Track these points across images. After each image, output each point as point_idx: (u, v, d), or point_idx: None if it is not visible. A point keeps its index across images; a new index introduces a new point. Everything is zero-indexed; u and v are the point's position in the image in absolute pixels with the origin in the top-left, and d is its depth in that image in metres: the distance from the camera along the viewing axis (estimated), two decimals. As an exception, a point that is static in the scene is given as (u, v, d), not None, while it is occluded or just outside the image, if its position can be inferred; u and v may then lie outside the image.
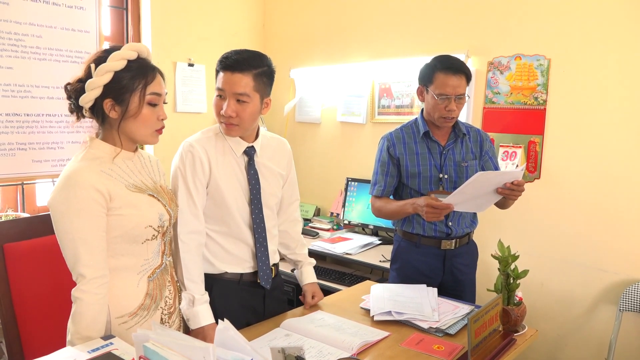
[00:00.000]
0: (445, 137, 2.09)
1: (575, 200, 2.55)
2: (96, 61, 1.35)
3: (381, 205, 2.13)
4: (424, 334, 1.66)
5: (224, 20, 3.51)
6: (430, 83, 1.99)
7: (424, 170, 2.06)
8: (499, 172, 2.02)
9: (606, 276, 2.48)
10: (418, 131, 2.09)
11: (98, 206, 1.31)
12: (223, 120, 1.67)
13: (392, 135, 2.13)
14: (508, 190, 1.85)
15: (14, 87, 2.56)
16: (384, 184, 2.13)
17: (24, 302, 1.72)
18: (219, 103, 1.66)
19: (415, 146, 2.09)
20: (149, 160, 1.54)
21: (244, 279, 1.76)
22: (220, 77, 1.66)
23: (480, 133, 2.15)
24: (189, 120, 3.32)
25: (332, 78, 3.42)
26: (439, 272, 2.10)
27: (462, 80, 1.96)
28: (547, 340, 2.64)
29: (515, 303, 1.71)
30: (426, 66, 2.04)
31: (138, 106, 1.36)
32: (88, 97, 1.35)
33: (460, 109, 2.01)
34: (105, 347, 1.26)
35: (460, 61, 2.00)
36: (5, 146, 2.55)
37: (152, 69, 1.40)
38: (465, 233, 2.12)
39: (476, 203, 1.94)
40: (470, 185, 1.80)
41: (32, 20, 2.59)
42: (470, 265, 2.18)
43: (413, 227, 2.10)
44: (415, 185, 2.08)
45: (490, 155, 2.15)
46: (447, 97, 1.95)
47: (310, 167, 3.60)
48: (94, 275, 1.31)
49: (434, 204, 1.86)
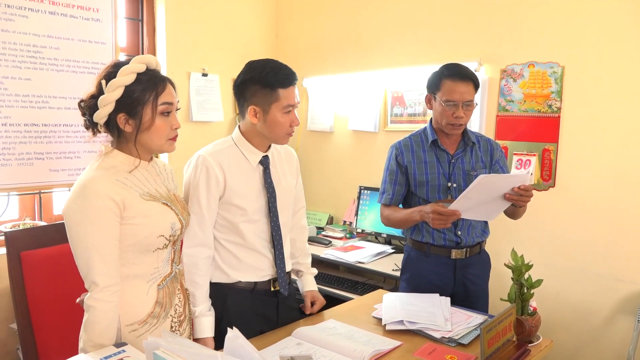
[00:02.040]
0: (454, 146, 2.08)
1: (590, 209, 2.51)
2: (106, 77, 1.37)
3: (389, 214, 2.13)
4: (436, 344, 1.65)
5: (237, 31, 3.55)
6: (438, 90, 1.99)
7: (432, 178, 2.05)
8: (503, 175, 1.99)
9: (623, 286, 2.44)
10: (427, 140, 2.09)
11: (112, 215, 1.33)
12: (291, 132, 1.72)
13: (400, 144, 2.13)
14: (516, 195, 1.83)
15: (32, 98, 2.62)
16: (392, 192, 2.12)
17: (40, 309, 1.75)
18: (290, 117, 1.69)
19: (423, 154, 2.08)
20: (163, 168, 1.56)
21: (257, 287, 1.76)
22: (290, 92, 1.68)
23: (491, 142, 2.13)
24: (204, 129, 3.35)
25: (344, 87, 3.43)
26: (449, 282, 2.08)
27: (470, 87, 1.96)
28: (563, 352, 2.59)
29: (530, 313, 1.69)
30: (434, 74, 2.04)
31: (151, 118, 1.38)
32: (101, 114, 1.37)
33: (469, 116, 2.00)
34: (117, 355, 1.27)
35: (467, 69, 2.00)
36: (23, 155, 2.60)
37: (162, 79, 1.41)
38: (476, 243, 2.10)
39: (484, 210, 1.91)
40: (475, 190, 1.77)
41: (50, 33, 2.65)
42: (482, 276, 2.15)
43: (422, 235, 2.09)
44: (423, 194, 2.07)
45: (502, 164, 2.13)
46: (455, 104, 1.94)
47: (323, 175, 3.60)
48: (107, 284, 1.32)
49: (440, 210, 1.85)
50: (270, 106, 1.66)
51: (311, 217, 3.60)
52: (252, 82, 1.67)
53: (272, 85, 1.65)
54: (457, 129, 2.01)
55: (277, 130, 1.69)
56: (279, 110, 1.66)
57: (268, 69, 1.66)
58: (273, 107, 1.66)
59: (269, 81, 1.64)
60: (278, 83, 1.65)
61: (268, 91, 1.65)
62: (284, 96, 1.66)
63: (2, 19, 2.49)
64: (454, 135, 2.05)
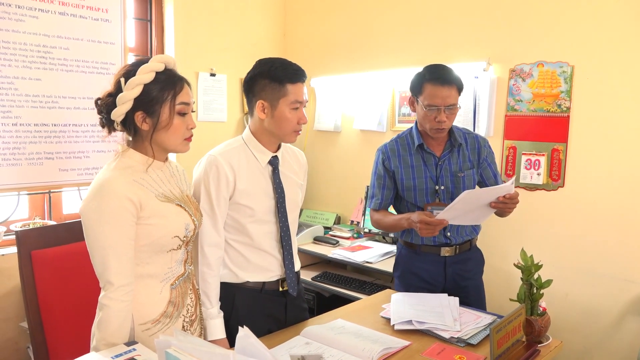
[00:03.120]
0: (441, 148, 2.06)
1: (600, 209, 2.50)
2: (125, 75, 1.37)
3: (379, 219, 2.12)
4: (445, 344, 1.65)
5: (245, 31, 3.56)
6: (420, 93, 1.96)
7: (420, 183, 2.04)
8: (487, 189, 1.96)
9: (634, 287, 2.42)
10: (413, 143, 2.07)
11: (129, 215, 1.33)
12: (298, 129, 1.71)
13: (387, 148, 2.12)
14: (501, 204, 1.82)
15: (42, 98, 2.64)
16: (381, 197, 2.12)
17: (50, 307, 1.76)
18: (297, 114, 1.69)
19: (410, 158, 2.07)
20: (176, 169, 1.57)
21: (266, 287, 1.77)
22: (298, 88, 1.68)
23: (478, 140, 2.11)
24: (211, 129, 3.36)
25: (352, 86, 3.43)
26: (440, 278, 2.08)
27: (453, 91, 1.92)
28: (573, 352, 2.58)
29: (539, 313, 1.68)
30: (416, 76, 2.00)
31: (169, 117, 1.39)
32: (120, 111, 1.37)
33: (452, 120, 1.98)
34: (128, 353, 1.28)
35: (450, 71, 1.96)
36: (33, 155, 2.62)
37: (180, 79, 1.42)
38: (466, 240, 2.10)
39: (471, 216, 1.91)
40: (460, 203, 1.77)
41: (60, 33, 2.67)
42: (474, 271, 2.14)
43: (412, 237, 2.10)
44: (411, 198, 2.06)
45: (489, 161, 2.11)
46: (437, 108, 1.92)
47: (330, 175, 3.60)
48: (122, 283, 1.33)
49: (427, 220, 1.84)
50: (278, 101, 1.67)
51: (318, 216, 3.60)
52: (261, 77, 1.68)
53: (281, 79, 1.65)
54: (440, 133, 1.99)
55: (285, 127, 1.69)
56: (287, 106, 1.67)
57: (277, 64, 1.68)
58: (281, 102, 1.67)
59: (277, 76, 1.65)
60: (286, 78, 1.65)
61: (276, 86, 1.66)
62: (292, 92, 1.66)
63: (13, 20, 2.51)
64: (439, 137, 2.04)
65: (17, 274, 1.78)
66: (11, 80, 2.53)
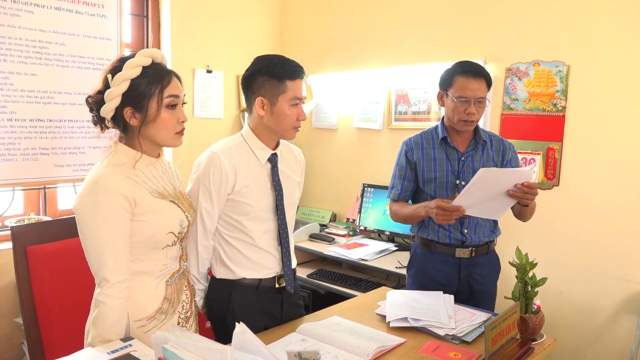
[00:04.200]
0: (465, 144, 2.08)
1: (595, 208, 2.51)
2: (112, 71, 1.37)
3: (397, 209, 2.14)
4: (440, 341, 1.65)
5: (242, 28, 3.55)
6: (450, 86, 1.99)
7: (440, 176, 2.06)
8: (505, 169, 1.98)
9: (627, 285, 2.44)
10: (437, 137, 2.09)
11: (124, 212, 1.33)
12: (298, 125, 1.71)
13: (411, 141, 2.14)
14: (519, 192, 1.82)
15: (38, 94, 2.62)
16: (401, 187, 2.14)
17: (46, 303, 1.76)
18: (297, 110, 1.69)
19: (433, 151, 2.08)
20: (169, 166, 1.57)
21: (262, 284, 1.77)
22: (297, 85, 1.68)
23: (504, 142, 2.12)
24: (207, 126, 3.35)
25: (349, 84, 3.44)
26: (454, 280, 2.08)
27: (482, 84, 1.96)
28: (566, 350, 2.59)
29: (534, 311, 1.69)
30: (446, 71, 2.04)
31: (157, 110, 1.38)
32: (108, 108, 1.37)
33: (481, 113, 2.00)
34: (124, 349, 1.28)
35: (480, 66, 2.01)
36: (28, 151, 2.61)
37: (168, 72, 1.41)
38: (484, 242, 2.10)
39: (488, 207, 1.90)
40: (477, 185, 1.77)
41: (56, 29, 2.66)
42: (490, 277, 2.13)
43: (428, 233, 2.10)
44: (431, 190, 2.07)
45: (513, 165, 2.11)
46: (467, 100, 1.94)
47: (326, 173, 3.61)
48: (118, 280, 1.33)
49: (443, 206, 1.86)
50: (278, 97, 1.67)
51: (314, 214, 3.60)
52: (260, 74, 1.68)
53: (280, 76, 1.65)
54: (469, 126, 2.00)
55: (284, 123, 1.69)
56: (286, 102, 1.67)
57: (276, 61, 1.68)
58: (280, 98, 1.67)
59: (277, 72, 1.65)
60: (286, 74, 1.66)
61: (276, 82, 1.66)
62: (292, 88, 1.66)
63: (8, 15, 2.50)
64: (466, 132, 2.05)
65: (12, 270, 1.78)
66: (6, 76, 2.51)
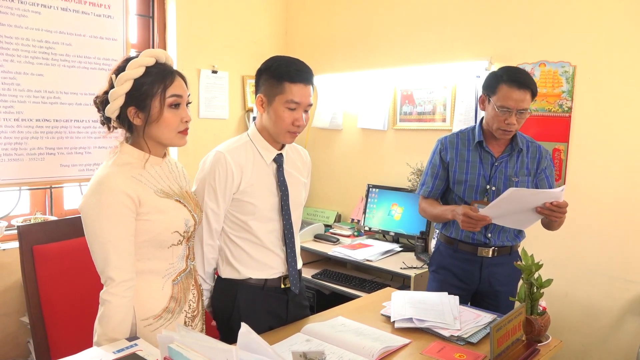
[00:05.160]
0: (501, 149, 2.05)
1: (601, 209, 2.50)
2: (117, 72, 1.38)
3: (426, 207, 2.15)
4: (445, 342, 1.65)
5: (247, 28, 3.56)
6: (494, 93, 1.94)
7: (472, 179, 2.04)
8: (535, 190, 1.94)
9: (633, 287, 2.43)
10: (473, 139, 2.07)
11: (128, 211, 1.34)
12: (293, 130, 1.67)
13: (446, 140, 2.13)
14: (548, 210, 1.81)
15: (44, 94, 2.64)
16: (432, 185, 2.14)
17: (52, 302, 1.76)
18: (293, 114, 1.65)
19: (467, 153, 2.07)
20: (175, 166, 1.57)
21: (268, 284, 1.77)
22: (298, 89, 1.63)
23: (541, 150, 2.09)
24: (212, 126, 3.36)
25: (353, 85, 3.44)
26: (475, 279, 2.08)
27: (527, 95, 1.91)
28: (572, 351, 2.59)
29: (539, 313, 1.68)
30: (492, 75, 1.99)
31: (159, 110, 1.38)
32: (112, 107, 1.38)
33: (521, 124, 1.96)
34: (130, 348, 1.29)
35: (527, 75, 1.95)
36: (35, 151, 2.62)
37: (171, 72, 1.42)
38: (507, 245, 2.09)
39: (516, 219, 1.89)
40: (505, 201, 1.76)
41: (62, 29, 2.67)
42: (511, 277, 2.10)
43: (452, 232, 2.11)
44: (460, 192, 2.07)
45: (548, 174, 2.09)
46: (509, 111, 1.90)
47: (331, 173, 3.61)
48: (123, 279, 1.34)
49: (470, 214, 1.85)
50: (275, 98, 1.65)
51: (319, 214, 3.61)
52: (263, 72, 1.69)
53: (280, 76, 1.64)
54: (507, 135, 1.98)
55: (278, 124, 1.67)
56: (282, 104, 1.64)
57: (282, 62, 1.66)
58: (277, 99, 1.65)
59: (277, 73, 1.65)
60: (286, 75, 1.63)
61: (274, 82, 1.65)
62: (290, 90, 1.63)
63: (16, 15, 2.51)
64: (503, 139, 2.03)
65: (18, 269, 1.79)
66: (13, 76, 2.53)
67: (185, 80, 1.46)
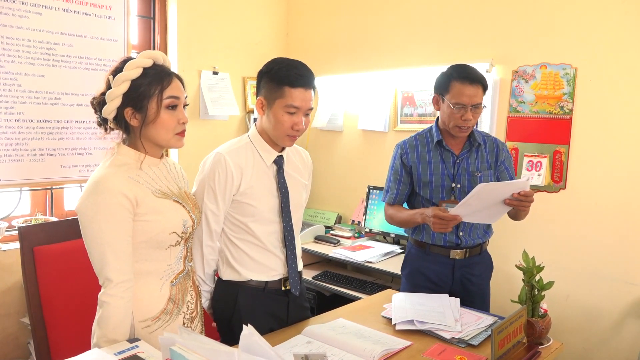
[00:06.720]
0: (460, 147, 2.08)
1: (602, 211, 2.50)
2: (114, 72, 1.39)
3: (393, 213, 2.14)
4: (446, 344, 1.65)
5: (248, 29, 3.56)
6: (447, 92, 1.98)
7: (436, 179, 2.05)
8: (502, 183, 1.97)
9: (635, 289, 2.42)
10: (432, 140, 2.08)
11: (125, 212, 1.34)
12: (292, 134, 1.67)
13: (405, 144, 2.13)
14: (516, 201, 1.83)
15: (45, 95, 2.64)
16: (397, 191, 2.13)
17: (52, 303, 1.76)
18: (293, 119, 1.64)
19: (428, 155, 2.08)
20: (174, 166, 1.57)
21: (269, 286, 1.77)
22: (298, 93, 1.63)
23: (497, 142, 2.12)
24: (213, 127, 3.36)
25: (354, 86, 3.43)
26: (447, 280, 2.09)
27: (479, 90, 1.95)
28: (573, 354, 2.58)
29: (540, 315, 1.68)
30: (442, 75, 2.03)
31: (156, 111, 1.38)
32: (109, 108, 1.38)
33: (477, 119, 2.00)
34: (131, 350, 1.29)
35: (476, 71, 1.98)
36: (35, 151, 2.62)
37: (168, 74, 1.42)
38: (477, 244, 2.10)
39: (485, 214, 1.91)
40: (475, 197, 1.78)
41: (63, 30, 2.67)
42: (483, 276, 2.14)
43: (422, 236, 2.10)
44: (427, 194, 2.07)
45: (507, 165, 2.12)
46: (464, 107, 1.94)
47: (332, 174, 3.61)
48: (121, 280, 1.33)
49: (441, 215, 1.85)
50: (275, 101, 1.65)
51: (320, 216, 3.60)
52: (264, 75, 1.69)
53: (280, 80, 1.63)
54: (464, 132, 2.00)
55: (277, 128, 1.67)
56: (281, 108, 1.64)
57: (283, 65, 1.66)
58: (277, 102, 1.65)
59: (277, 77, 1.64)
60: (286, 79, 1.62)
61: (274, 85, 1.64)
62: (289, 95, 1.62)
63: (17, 16, 2.51)
64: (461, 136, 2.05)
65: (19, 270, 1.79)
66: (14, 77, 2.53)
67: (183, 82, 1.47)
